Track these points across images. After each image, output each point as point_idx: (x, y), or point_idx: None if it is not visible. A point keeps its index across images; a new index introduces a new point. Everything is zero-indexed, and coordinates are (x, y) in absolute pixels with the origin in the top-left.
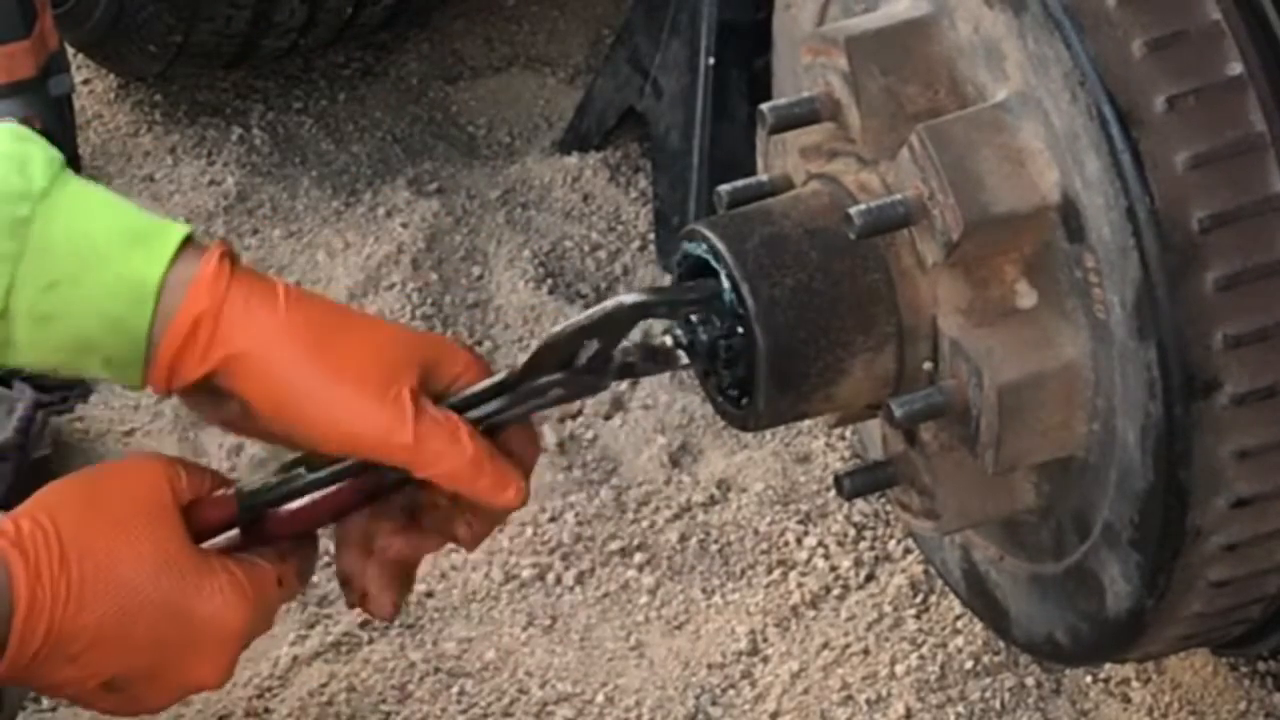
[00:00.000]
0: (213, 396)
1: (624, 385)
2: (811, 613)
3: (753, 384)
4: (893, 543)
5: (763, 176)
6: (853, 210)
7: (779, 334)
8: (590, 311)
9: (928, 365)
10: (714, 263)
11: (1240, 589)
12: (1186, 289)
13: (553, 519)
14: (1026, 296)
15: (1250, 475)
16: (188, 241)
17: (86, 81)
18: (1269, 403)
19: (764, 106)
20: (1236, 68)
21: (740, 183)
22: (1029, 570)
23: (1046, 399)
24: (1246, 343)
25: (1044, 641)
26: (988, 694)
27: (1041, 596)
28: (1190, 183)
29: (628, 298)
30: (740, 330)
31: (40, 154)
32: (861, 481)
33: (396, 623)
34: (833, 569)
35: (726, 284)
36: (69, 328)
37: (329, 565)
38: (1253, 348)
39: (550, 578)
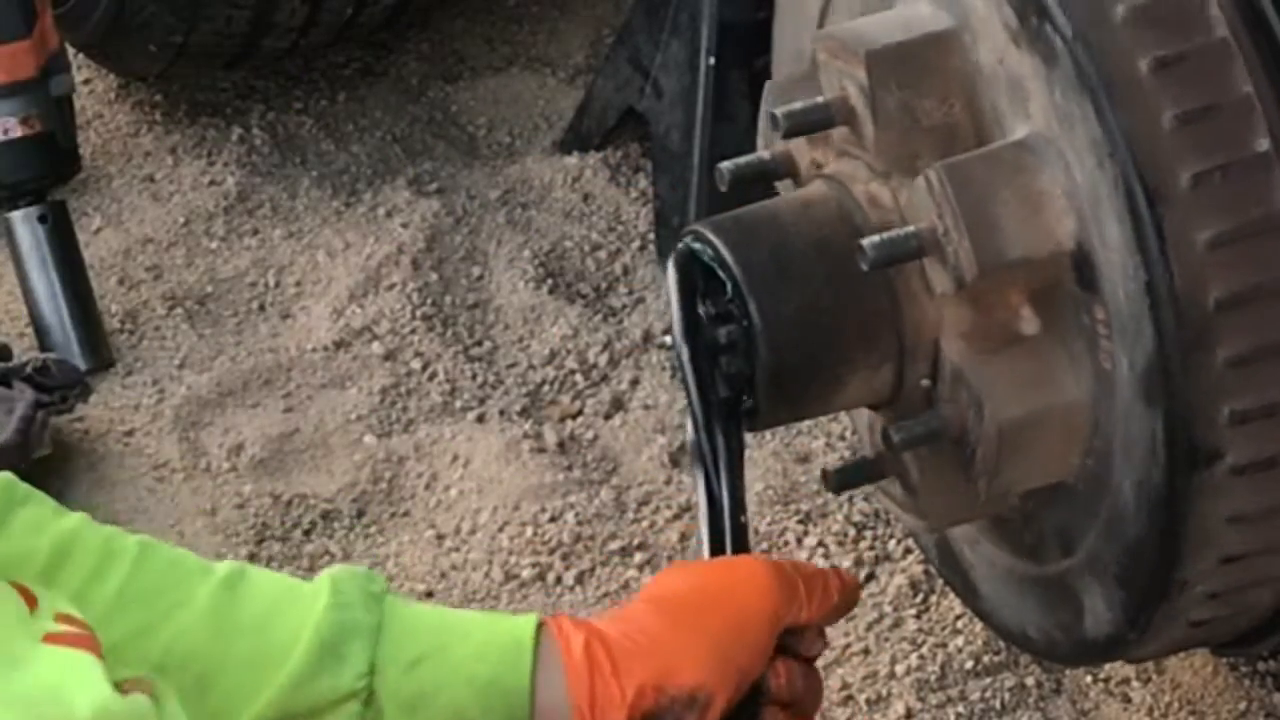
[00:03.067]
0: None
1: (624, 385)
2: None
3: (753, 392)
4: (893, 543)
5: (765, 153)
6: (865, 242)
7: (782, 353)
8: None
9: (925, 382)
10: (720, 272)
11: (1217, 625)
12: (1197, 364)
13: (553, 519)
14: (1030, 323)
15: (1242, 536)
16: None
17: (87, 81)
18: (1268, 473)
19: (778, 111)
20: (1264, 144)
21: (742, 159)
22: (1007, 562)
23: (1046, 435)
24: (1252, 418)
25: (1016, 632)
26: (988, 694)
27: (1018, 591)
28: (1210, 261)
29: None
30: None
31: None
32: (849, 476)
33: None
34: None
35: (731, 293)
36: (439, 702)
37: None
38: (1258, 423)
39: (550, 578)
